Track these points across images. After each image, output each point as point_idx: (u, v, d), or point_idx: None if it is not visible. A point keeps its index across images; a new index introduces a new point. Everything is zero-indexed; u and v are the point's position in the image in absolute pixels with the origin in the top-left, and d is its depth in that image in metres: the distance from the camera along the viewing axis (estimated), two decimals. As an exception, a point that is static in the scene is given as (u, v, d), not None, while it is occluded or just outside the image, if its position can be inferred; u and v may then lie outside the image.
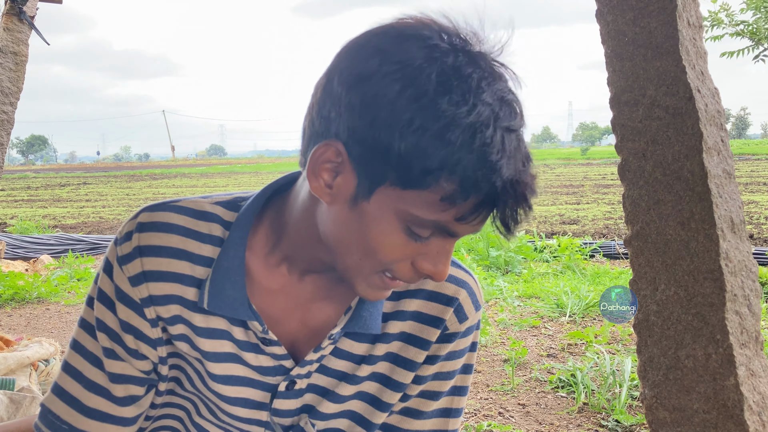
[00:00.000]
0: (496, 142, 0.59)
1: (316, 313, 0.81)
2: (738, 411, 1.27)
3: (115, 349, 0.79)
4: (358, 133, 0.61)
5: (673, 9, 1.33)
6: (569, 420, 2.70)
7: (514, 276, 5.58)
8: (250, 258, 0.78)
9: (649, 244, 1.38)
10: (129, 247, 0.76)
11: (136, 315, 0.77)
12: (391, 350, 0.83)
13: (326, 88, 0.65)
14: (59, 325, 4.30)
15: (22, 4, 3.43)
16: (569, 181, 17.31)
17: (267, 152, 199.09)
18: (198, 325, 0.78)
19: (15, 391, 2.48)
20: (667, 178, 1.35)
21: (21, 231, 8.57)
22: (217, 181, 23.51)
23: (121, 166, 60.31)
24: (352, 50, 0.65)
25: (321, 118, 0.65)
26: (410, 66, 0.60)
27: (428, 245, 0.66)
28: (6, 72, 3.42)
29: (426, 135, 0.58)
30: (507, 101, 0.62)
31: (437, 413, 0.87)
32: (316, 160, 0.65)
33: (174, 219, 0.77)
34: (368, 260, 0.67)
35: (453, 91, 0.59)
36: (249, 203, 0.78)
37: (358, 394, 0.84)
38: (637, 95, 1.39)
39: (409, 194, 0.61)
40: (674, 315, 1.35)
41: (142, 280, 0.76)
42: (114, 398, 0.80)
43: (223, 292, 0.75)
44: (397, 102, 0.59)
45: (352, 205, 0.65)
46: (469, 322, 0.84)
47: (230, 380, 0.80)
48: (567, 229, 8.21)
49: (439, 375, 0.85)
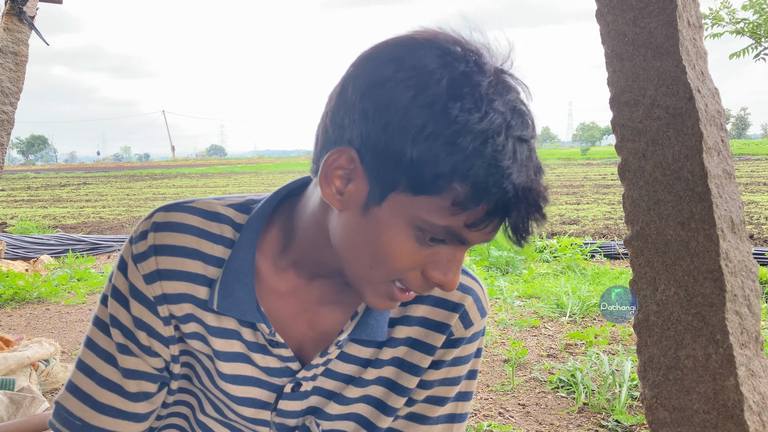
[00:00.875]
0: (508, 150, 0.59)
1: (324, 316, 0.82)
2: (738, 411, 1.27)
3: (129, 345, 0.80)
4: (371, 139, 0.62)
5: (673, 9, 1.33)
6: (569, 420, 2.70)
7: (515, 276, 5.59)
8: (260, 260, 0.79)
9: (649, 244, 1.38)
10: (144, 245, 0.77)
11: (149, 312, 0.78)
12: (398, 355, 0.84)
13: (341, 95, 0.66)
14: (59, 325, 4.30)
15: (22, 4, 3.43)
16: (569, 181, 17.31)
17: (267, 152, 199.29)
18: (210, 324, 0.79)
19: (15, 391, 2.49)
20: (667, 178, 1.35)
21: (21, 231, 8.58)
22: (217, 181, 23.52)
23: (121, 166, 60.36)
24: (368, 58, 0.66)
25: (335, 126, 0.66)
26: (423, 72, 0.61)
27: (439, 253, 0.66)
28: (6, 72, 3.42)
29: (438, 141, 0.59)
30: (519, 111, 0.62)
31: (443, 419, 0.87)
32: (328, 166, 0.65)
33: (188, 219, 0.78)
34: (378, 268, 0.67)
35: (464, 98, 0.59)
36: (260, 206, 0.79)
37: (364, 397, 0.85)
38: (637, 95, 1.39)
39: (420, 200, 0.61)
40: (674, 315, 1.34)
41: (156, 278, 0.77)
42: (127, 394, 0.81)
43: (232, 294, 0.76)
44: (410, 108, 0.60)
45: (363, 212, 0.65)
46: (475, 328, 0.85)
47: (238, 379, 0.81)
48: (567, 229, 8.21)
49: (445, 381, 0.86)
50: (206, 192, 17.49)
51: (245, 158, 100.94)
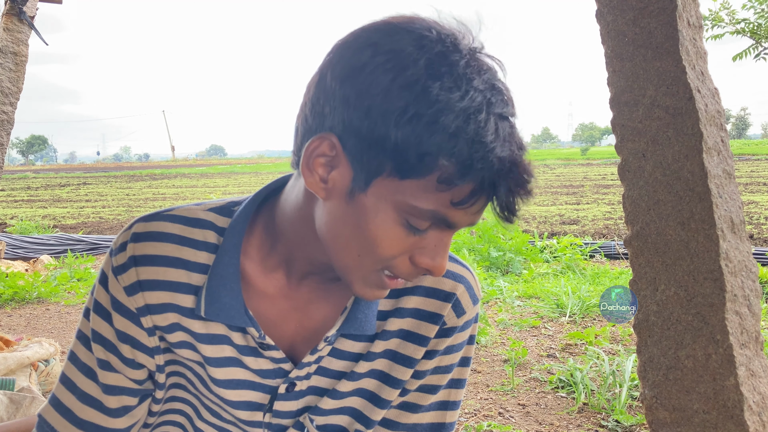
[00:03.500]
0: (490, 127, 0.60)
1: (314, 314, 0.81)
2: (738, 411, 1.27)
3: (110, 360, 0.80)
4: (353, 124, 0.62)
5: (673, 9, 1.33)
6: (569, 420, 2.70)
7: (515, 276, 5.59)
8: (247, 263, 0.78)
9: (649, 244, 1.38)
10: (124, 257, 0.77)
11: (132, 324, 0.78)
12: (390, 347, 0.83)
13: (319, 84, 0.65)
14: (59, 325, 4.30)
15: (22, 4, 3.43)
16: (569, 182, 17.31)
17: (267, 152, 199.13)
18: (198, 332, 0.78)
19: (15, 391, 2.48)
20: (667, 178, 1.35)
21: (21, 231, 8.57)
22: (217, 181, 23.51)
23: (121, 166, 60.33)
24: (345, 46, 0.66)
25: (315, 114, 0.65)
26: (401, 55, 0.61)
27: (426, 238, 0.66)
28: (6, 72, 3.42)
29: (421, 122, 0.59)
30: (497, 89, 0.63)
31: (435, 406, 0.87)
32: (310, 154, 0.65)
33: (168, 228, 0.77)
34: (366, 256, 0.67)
35: (443, 78, 0.59)
36: (242, 208, 0.79)
37: (357, 390, 0.85)
38: (637, 95, 1.39)
39: (406, 184, 0.61)
40: (674, 315, 1.35)
41: (137, 290, 0.77)
42: (107, 410, 0.81)
43: (219, 299, 0.76)
44: (390, 91, 0.60)
45: (348, 199, 0.65)
46: (467, 316, 0.85)
47: (232, 384, 0.81)
48: (567, 230, 8.21)
49: (438, 369, 0.86)
50: (206, 192, 17.49)
51: (245, 158, 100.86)
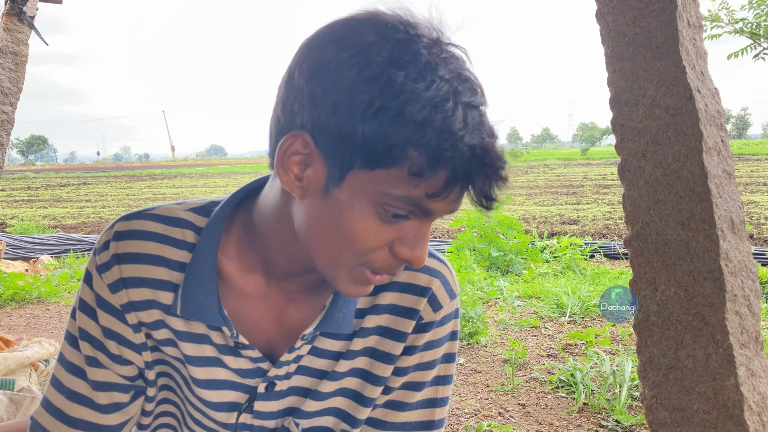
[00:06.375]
0: (458, 116, 0.59)
1: (293, 314, 0.81)
2: (738, 411, 1.27)
3: (98, 357, 0.80)
4: (322, 121, 0.62)
5: (673, 9, 1.33)
6: (569, 420, 2.70)
7: (515, 276, 5.59)
8: (226, 262, 0.78)
9: (649, 244, 1.38)
10: (107, 255, 0.78)
11: (117, 321, 0.79)
12: (369, 345, 0.83)
13: (288, 83, 0.66)
14: (59, 325, 4.31)
15: (22, 4, 3.43)
16: (569, 182, 17.32)
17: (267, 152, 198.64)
18: (179, 330, 0.79)
19: (15, 391, 2.48)
20: (667, 178, 1.35)
21: (21, 231, 8.58)
22: (217, 181, 23.51)
23: (121, 166, 60.35)
24: (310, 44, 0.66)
25: (285, 114, 0.66)
26: (364, 48, 0.61)
27: (404, 228, 0.66)
28: (6, 72, 3.42)
29: (387, 114, 0.59)
30: (465, 78, 0.62)
31: (422, 404, 0.87)
32: (283, 153, 0.65)
33: (149, 226, 0.78)
34: (346, 252, 0.67)
35: (407, 67, 0.59)
36: (218, 208, 0.79)
37: (340, 390, 0.85)
38: (637, 95, 1.39)
39: (378, 174, 0.61)
40: (674, 315, 1.35)
41: (121, 287, 0.77)
42: (97, 406, 0.81)
43: (194, 298, 0.76)
44: (355, 85, 0.60)
45: (324, 196, 0.65)
46: (444, 311, 0.84)
47: (213, 384, 0.81)
48: (567, 230, 8.21)
49: (420, 366, 0.85)
50: (206, 192, 17.49)
51: (245, 158, 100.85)
